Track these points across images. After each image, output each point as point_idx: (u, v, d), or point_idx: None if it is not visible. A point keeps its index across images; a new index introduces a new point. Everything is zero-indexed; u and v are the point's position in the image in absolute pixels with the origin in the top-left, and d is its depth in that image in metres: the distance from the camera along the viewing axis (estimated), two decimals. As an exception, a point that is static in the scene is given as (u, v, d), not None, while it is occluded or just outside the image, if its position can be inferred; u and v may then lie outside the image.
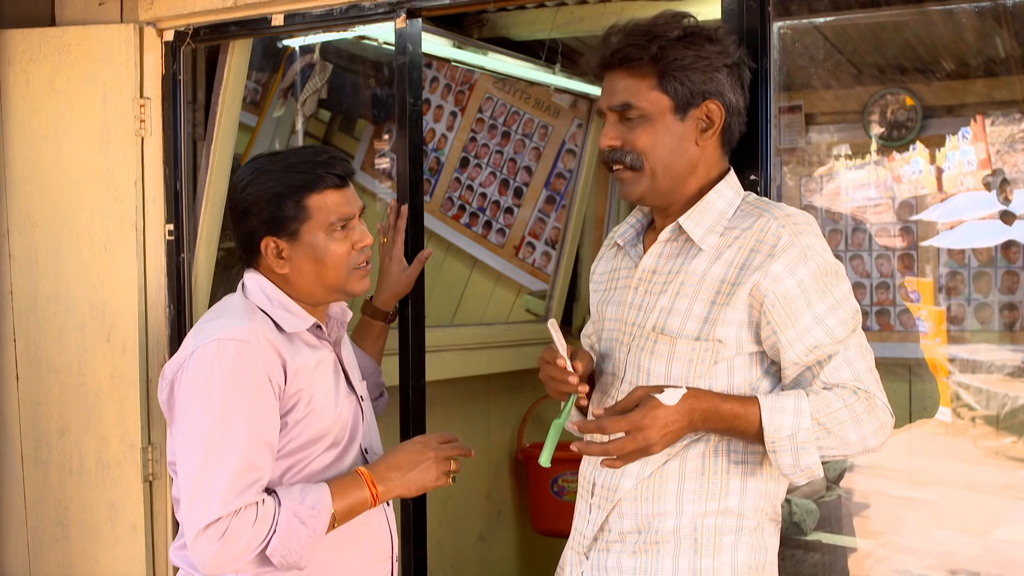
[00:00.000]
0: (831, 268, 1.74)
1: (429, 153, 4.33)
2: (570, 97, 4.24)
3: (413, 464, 1.86)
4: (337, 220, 1.87)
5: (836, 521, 2.92)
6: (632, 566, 1.79)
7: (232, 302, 1.89)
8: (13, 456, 3.12)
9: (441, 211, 4.36)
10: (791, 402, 1.67)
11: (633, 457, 1.67)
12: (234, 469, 1.70)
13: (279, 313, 1.85)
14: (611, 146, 1.81)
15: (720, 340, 1.73)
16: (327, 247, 1.86)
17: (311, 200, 1.86)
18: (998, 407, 3.40)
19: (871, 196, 3.90)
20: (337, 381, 1.90)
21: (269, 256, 1.87)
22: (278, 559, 1.71)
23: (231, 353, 1.74)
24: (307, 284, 1.88)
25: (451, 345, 3.69)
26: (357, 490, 1.81)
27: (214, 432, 1.71)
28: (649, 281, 1.84)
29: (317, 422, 1.83)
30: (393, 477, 1.84)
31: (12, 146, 3.10)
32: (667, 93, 1.77)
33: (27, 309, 3.09)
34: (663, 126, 1.78)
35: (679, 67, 1.76)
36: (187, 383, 1.76)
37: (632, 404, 1.67)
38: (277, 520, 1.71)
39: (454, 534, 3.90)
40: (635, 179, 1.81)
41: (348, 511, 1.80)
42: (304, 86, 3.78)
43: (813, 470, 1.69)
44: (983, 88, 3.68)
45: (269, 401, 1.75)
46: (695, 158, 1.81)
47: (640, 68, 1.77)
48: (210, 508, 1.68)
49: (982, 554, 2.76)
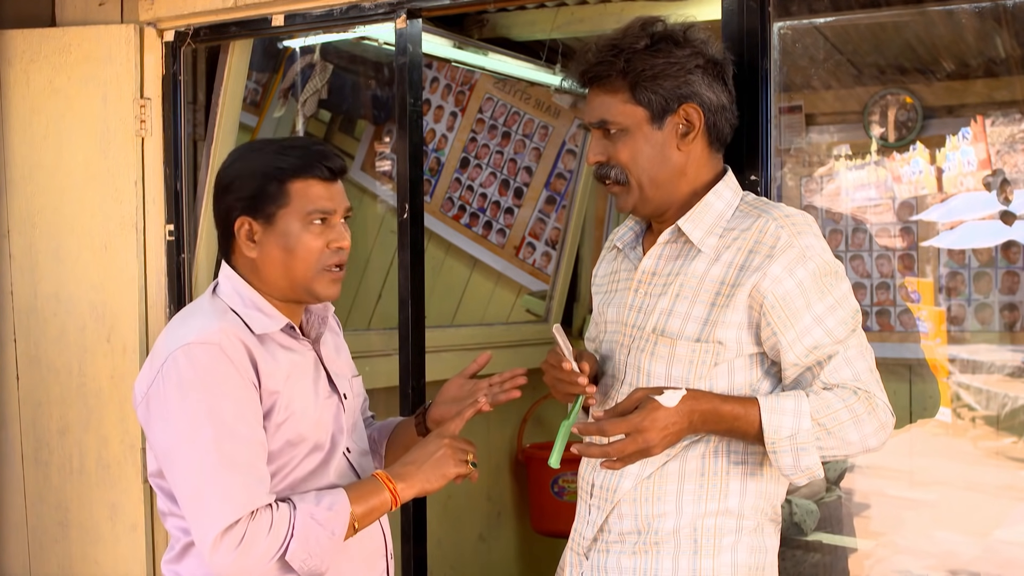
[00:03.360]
0: (830, 268, 1.74)
1: (429, 153, 4.33)
2: (570, 97, 4.24)
3: (428, 455, 1.80)
4: (316, 212, 1.78)
5: (836, 521, 2.92)
6: (632, 567, 1.78)
7: (201, 304, 1.83)
8: (13, 456, 3.12)
9: (441, 211, 4.36)
10: (791, 403, 1.67)
11: (633, 459, 1.67)
12: (238, 469, 1.66)
13: (251, 314, 1.78)
14: (597, 161, 1.83)
15: (720, 342, 1.73)
16: (300, 237, 1.77)
17: (294, 185, 1.78)
18: (998, 407, 3.40)
19: (871, 196, 3.90)
20: (317, 381, 1.85)
21: (241, 237, 1.80)
22: (298, 564, 1.67)
23: (202, 357, 1.68)
24: (274, 274, 1.80)
25: (451, 345, 3.69)
26: (375, 490, 1.76)
27: (204, 438, 1.66)
28: (649, 283, 1.84)
29: (295, 425, 1.77)
30: (410, 471, 1.79)
31: (12, 146, 3.10)
32: (641, 104, 1.78)
33: (27, 309, 3.09)
34: (641, 137, 1.79)
35: (648, 76, 1.76)
36: (163, 395, 1.70)
37: (632, 406, 1.67)
38: (294, 524, 1.67)
39: (454, 534, 3.90)
40: (623, 192, 1.83)
41: (368, 512, 1.75)
42: (304, 86, 3.78)
43: (813, 471, 1.69)
44: (983, 88, 3.68)
45: (251, 398, 1.71)
46: (680, 163, 1.81)
47: (611, 83, 1.79)
48: (223, 512, 1.63)
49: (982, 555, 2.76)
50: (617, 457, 1.66)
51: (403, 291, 2.70)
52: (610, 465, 1.68)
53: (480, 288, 4.39)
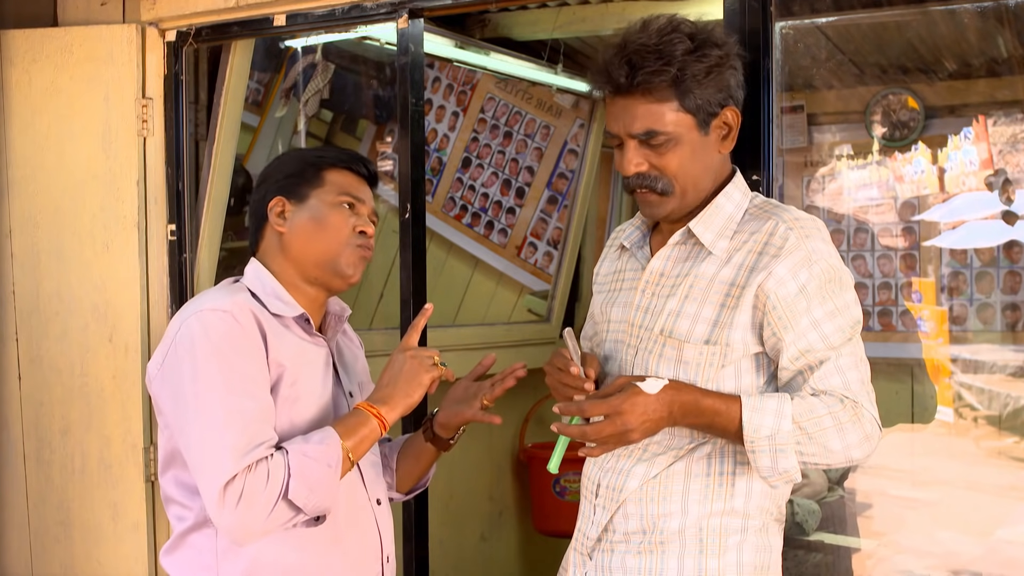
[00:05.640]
0: (835, 275, 1.73)
1: (431, 153, 4.33)
2: (572, 97, 4.24)
3: (397, 372, 1.83)
4: (346, 195, 1.87)
5: (839, 521, 2.92)
6: (636, 566, 1.78)
7: (215, 287, 1.90)
8: (15, 456, 3.13)
9: (443, 211, 4.36)
10: (773, 403, 1.67)
11: (611, 443, 1.67)
12: (241, 426, 1.68)
13: (269, 299, 1.84)
14: (639, 172, 1.75)
15: (728, 343, 1.72)
16: (329, 214, 1.86)
17: (330, 173, 1.88)
18: (1000, 407, 3.40)
19: (873, 196, 3.89)
20: (326, 375, 1.88)
21: (273, 215, 1.87)
22: (302, 501, 1.69)
23: (215, 321, 1.73)
24: (301, 248, 1.86)
25: (453, 345, 3.69)
26: (361, 420, 1.78)
27: (213, 396, 1.69)
28: (657, 284, 1.83)
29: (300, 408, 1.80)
30: (387, 393, 1.81)
31: (14, 146, 3.10)
32: (690, 112, 1.72)
33: (29, 309, 3.09)
34: (690, 145, 1.74)
35: (696, 83, 1.71)
36: (176, 359, 1.74)
37: (615, 391, 1.68)
38: (288, 464, 1.68)
39: (456, 534, 3.90)
40: (663, 202, 1.77)
41: (359, 442, 1.77)
42: (306, 86, 3.78)
43: (791, 474, 1.68)
44: (985, 88, 3.68)
45: (260, 365, 1.74)
46: (716, 166, 1.80)
47: (659, 92, 1.71)
48: (224, 466, 1.65)
49: (985, 555, 2.76)
50: (595, 437, 1.66)
51: (405, 291, 2.70)
52: (588, 452, 1.69)
53: (482, 288, 4.39)
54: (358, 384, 1.99)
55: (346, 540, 1.85)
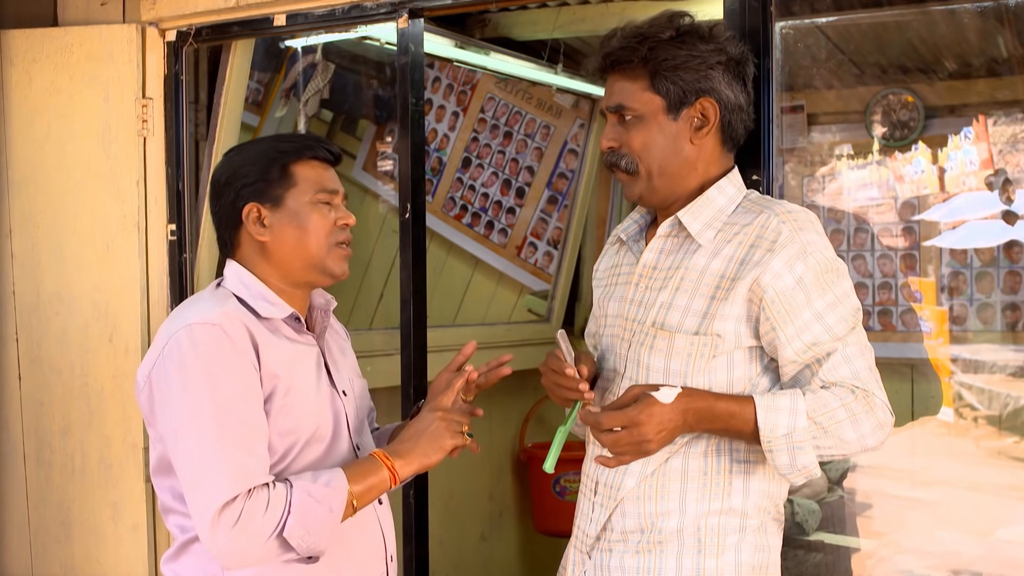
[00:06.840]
0: (831, 265, 1.74)
1: (431, 153, 4.33)
2: (572, 97, 4.24)
3: (423, 430, 1.80)
4: (322, 191, 1.83)
5: (838, 521, 2.92)
6: (635, 566, 1.78)
7: (203, 294, 1.86)
8: (15, 456, 3.13)
9: (443, 211, 4.36)
10: (787, 401, 1.67)
11: (629, 453, 1.68)
12: (236, 448, 1.65)
13: (257, 302, 1.80)
14: (609, 147, 1.84)
15: (718, 334, 1.73)
16: (310, 216, 1.82)
17: (297, 167, 1.83)
18: (1000, 407, 3.39)
19: (873, 196, 3.89)
20: (319, 375, 1.85)
21: (250, 223, 1.82)
22: (297, 541, 1.66)
23: (204, 336, 1.69)
24: (287, 255, 1.83)
25: (453, 345, 3.67)
26: (373, 468, 1.75)
27: (204, 417, 1.66)
28: (649, 277, 1.84)
29: (295, 412, 1.77)
30: (407, 448, 1.78)
31: (14, 146, 3.10)
32: (659, 93, 1.79)
33: (29, 309, 3.09)
34: (656, 126, 1.80)
35: (670, 67, 1.77)
36: (166, 374, 1.71)
37: (629, 401, 1.68)
38: (291, 501, 1.66)
39: (456, 534, 3.90)
40: (632, 181, 1.84)
41: (367, 491, 1.74)
42: (306, 86, 3.78)
43: (810, 469, 1.69)
44: (985, 88, 3.68)
45: (252, 380, 1.71)
46: (692, 156, 1.82)
47: (632, 70, 1.80)
48: (219, 490, 1.62)
49: (985, 554, 2.76)
50: (612, 449, 1.66)
51: (405, 291, 2.70)
52: (604, 462, 1.69)
53: (482, 288, 4.39)
54: (349, 381, 1.95)
55: (351, 542, 1.84)
